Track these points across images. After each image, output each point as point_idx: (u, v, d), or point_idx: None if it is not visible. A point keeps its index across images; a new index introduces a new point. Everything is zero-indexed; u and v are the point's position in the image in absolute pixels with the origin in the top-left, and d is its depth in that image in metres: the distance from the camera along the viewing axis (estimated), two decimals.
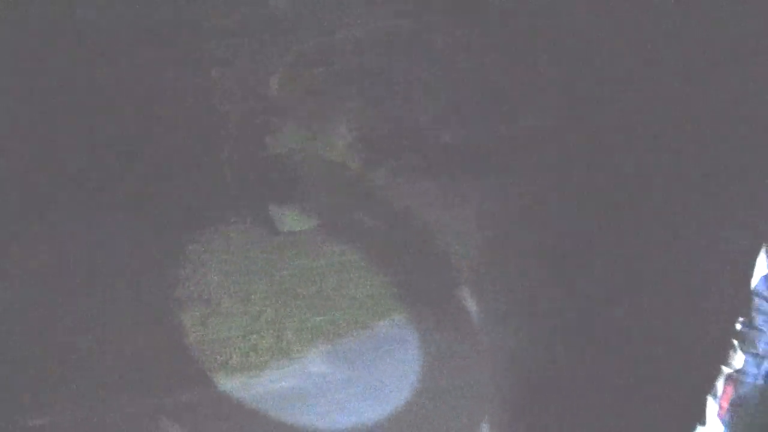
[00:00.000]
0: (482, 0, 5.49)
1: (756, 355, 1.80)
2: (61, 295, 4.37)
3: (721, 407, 1.77)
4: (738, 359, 1.81)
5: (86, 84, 4.68)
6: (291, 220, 5.58)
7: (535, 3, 5.42)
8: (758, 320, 1.79)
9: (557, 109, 5.42)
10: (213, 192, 5.12)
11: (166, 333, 4.42)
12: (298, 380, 4.34)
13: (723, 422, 1.77)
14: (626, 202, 4.90)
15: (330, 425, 4.20)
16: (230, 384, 4.31)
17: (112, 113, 4.71)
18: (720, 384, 1.78)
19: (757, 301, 1.77)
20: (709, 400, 1.78)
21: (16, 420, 4.03)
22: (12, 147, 4.49)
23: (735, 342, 1.83)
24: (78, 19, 4.64)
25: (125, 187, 4.74)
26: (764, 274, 1.76)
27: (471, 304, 4.89)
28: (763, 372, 1.76)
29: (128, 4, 4.86)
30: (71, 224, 4.49)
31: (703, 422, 1.77)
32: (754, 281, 1.77)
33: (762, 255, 1.76)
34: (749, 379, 1.80)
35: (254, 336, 4.53)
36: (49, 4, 4.61)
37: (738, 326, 1.82)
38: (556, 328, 4.39)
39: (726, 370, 1.81)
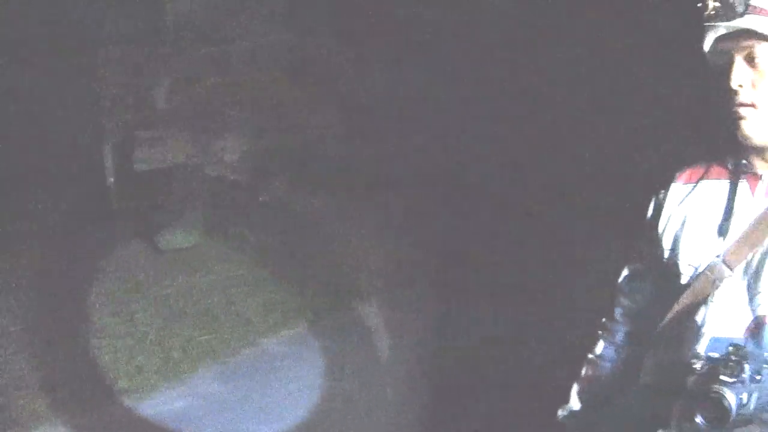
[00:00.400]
0: (369, 17, 5.58)
1: (612, 343, 1.96)
2: None
3: (581, 387, 1.91)
4: (599, 346, 1.96)
5: None
6: (175, 237, 5.54)
7: (415, 23, 5.56)
8: (616, 313, 1.95)
9: (449, 123, 5.53)
10: (94, 207, 5.03)
11: (47, 358, 4.31)
12: (187, 401, 4.25)
13: (580, 399, 1.92)
14: (520, 215, 5.04)
15: None
16: (118, 408, 4.21)
17: None
18: (583, 368, 1.93)
19: (618, 296, 1.93)
20: (575, 383, 1.93)
21: None
22: None
23: (599, 332, 1.99)
24: None
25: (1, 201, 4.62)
26: (626, 274, 1.89)
27: (368, 318, 4.94)
28: (616, 357, 1.93)
29: (15, 5, 4.76)
30: None
31: (567, 401, 1.92)
32: (619, 280, 1.94)
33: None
34: (605, 363, 1.96)
35: (140, 357, 4.46)
36: None
37: (603, 319, 1.99)
38: (454, 336, 4.47)
39: (590, 356, 1.96)
